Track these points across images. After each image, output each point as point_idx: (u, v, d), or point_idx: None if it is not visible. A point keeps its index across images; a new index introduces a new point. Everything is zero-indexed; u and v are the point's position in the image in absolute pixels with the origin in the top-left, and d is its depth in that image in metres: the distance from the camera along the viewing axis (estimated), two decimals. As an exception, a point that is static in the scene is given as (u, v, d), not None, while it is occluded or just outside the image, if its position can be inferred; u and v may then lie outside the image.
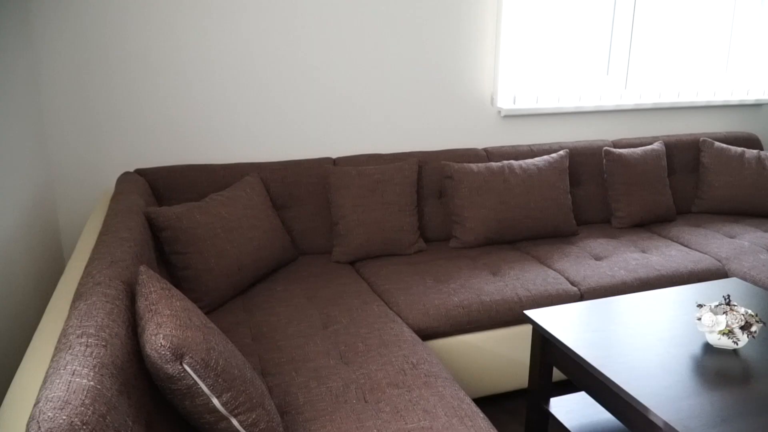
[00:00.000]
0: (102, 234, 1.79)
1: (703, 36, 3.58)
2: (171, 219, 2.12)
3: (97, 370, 1.08)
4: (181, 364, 1.22)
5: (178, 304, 1.39)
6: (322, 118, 2.88)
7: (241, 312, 2.19)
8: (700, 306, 1.84)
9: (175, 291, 1.47)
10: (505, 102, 3.17)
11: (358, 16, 2.81)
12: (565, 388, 2.53)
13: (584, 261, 2.64)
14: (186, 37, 2.59)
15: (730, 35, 3.65)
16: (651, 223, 3.17)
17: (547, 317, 2.00)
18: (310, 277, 2.47)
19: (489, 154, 3.03)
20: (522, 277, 2.46)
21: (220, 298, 2.22)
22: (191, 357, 1.23)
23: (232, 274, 2.24)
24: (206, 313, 2.19)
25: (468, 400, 1.65)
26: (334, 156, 2.93)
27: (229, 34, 2.64)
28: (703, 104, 3.62)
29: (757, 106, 3.82)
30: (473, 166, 2.81)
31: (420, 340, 1.99)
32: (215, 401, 1.26)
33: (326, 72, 2.83)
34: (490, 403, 2.46)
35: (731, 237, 2.97)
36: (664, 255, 2.71)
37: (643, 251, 2.78)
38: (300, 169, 2.74)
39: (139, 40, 2.54)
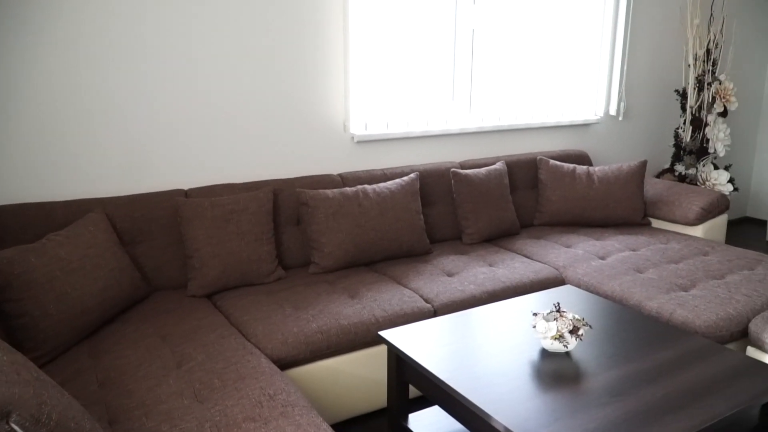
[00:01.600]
0: None
1: (537, 64, 3.92)
2: (0, 264, 1.96)
3: None
4: (7, 423, 1.14)
5: (4, 358, 1.30)
6: (173, 149, 2.80)
7: (87, 358, 2.06)
8: (535, 314, 2.01)
9: (2, 344, 1.37)
10: (358, 128, 3.27)
11: (208, 43, 2.78)
12: (424, 403, 2.62)
13: (437, 278, 2.77)
14: (13, 65, 2.42)
15: (561, 64, 4.02)
16: (498, 237, 3.39)
17: (400, 336, 2.08)
18: (164, 313, 2.38)
19: (344, 180, 3.11)
20: (379, 298, 2.53)
21: (63, 345, 2.08)
22: (19, 414, 1.15)
23: (75, 319, 2.11)
24: (47, 362, 2.04)
25: (325, 426, 1.67)
26: (185, 187, 2.86)
27: (65, 61, 2.50)
28: (538, 126, 3.96)
29: (585, 125, 4.24)
30: (328, 192, 2.87)
31: (278, 370, 1.99)
32: (48, 460, 1.18)
33: (175, 101, 2.76)
34: (354, 425, 2.50)
35: (567, 246, 3.26)
36: (509, 267, 2.92)
37: (491, 265, 2.97)
38: (149, 203, 2.64)
39: (-42, 71, 2.33)
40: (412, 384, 2.06)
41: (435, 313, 2.54)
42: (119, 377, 1.93)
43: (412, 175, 3.12)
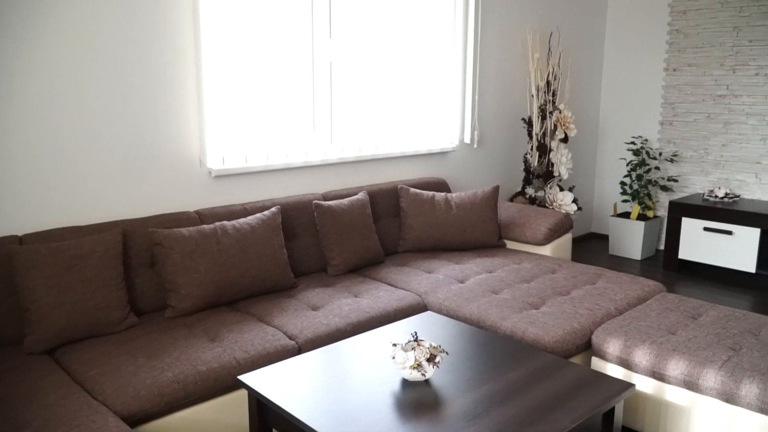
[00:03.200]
0: None
1: (395, 95, 4.04)
2: None
3: None
4: None
5: None
6: (3, 190, 2.55)
7: None
8: (394, 345, 2.03)
9: None
10: (215, 162, 3.18)
11: (45, 74, 2.58)
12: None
13: (302, 313, 2.74)
14: None
15: (418, 95, 4.18)
16: (363, 266, 3.42)
17: (261, 379, 2.02)
18: (-4, 376, 2.15)
19: (201, 217, 3.00)
20: (241, 338, 2.45)
21: None
22: None
23: None
24: None
25: (178, 485, 1.57)
26: (20, 233, 2.61)
27: None
28: (398, 155, 4.07)
29: (442, 153, 4.42)
30: (184, 230, 2.75)
31: (129, 428, 1.85)
32: None
33: (4, 136, 2.53)
34: (219, 475, 2.38)
35: (429, 272, 3.35)
36: (374, 297, 2.95)
37: (356, 295, 2.99)
38: (-24, 253, 2.39)
39: None
40: (274, 428, 2.00)
41: (299, 350, 2.50)
42: (-63, 455, 1.71)
43: (273, 209, 3.07)
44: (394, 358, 1.99)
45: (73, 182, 2.74)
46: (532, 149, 4.68)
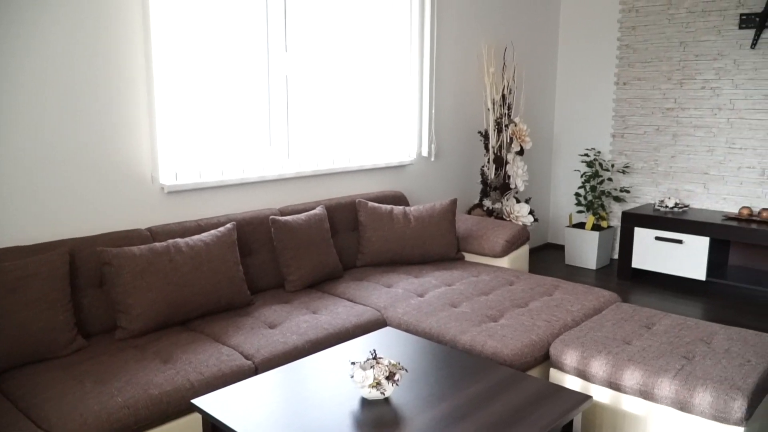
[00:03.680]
0: None
1: (352, 109, 4.03)
2: None
3: None
4: None
5: None
6: (-59, 211, 2.44)
7: None
8: (353, 363, 2.00)
9: None
10: (167, 178, 3.10)
11: (-21, 93, 2.48)
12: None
13: (259, 331, 2.68)
14: None
15: (375, 108, 4.17)
16: (321, 282, 3.38)
17: (215, 402, 1.96)
18: (-69, 407, 2.03)
19: (153, 234, 2.91)
20: (195, 359, 2.38)
21: None
22: None
23: None
24: None
25: None
26: (-41, 255, 2.49)
27: None
28: (356, 168, 4.05)
29: (400, 167, 4.42)
30: (135, 249, 2.66)
31: (74, 457, 1.77)
32: None
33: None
34: (173, 502, 2.30)
35: (389, 286, 3.33)
36: (332, 313, 2.91)
37: (314, 312, 2.94)
38: None
39: None
40: (230, 452, 1.94)
41: (256, 370, 2.44)
42: None
43: (228, 225, 3.01)
44: (352, 377, 1.95)
45: (16, 200, 2.62)
46: (488, 162, 4.72)
